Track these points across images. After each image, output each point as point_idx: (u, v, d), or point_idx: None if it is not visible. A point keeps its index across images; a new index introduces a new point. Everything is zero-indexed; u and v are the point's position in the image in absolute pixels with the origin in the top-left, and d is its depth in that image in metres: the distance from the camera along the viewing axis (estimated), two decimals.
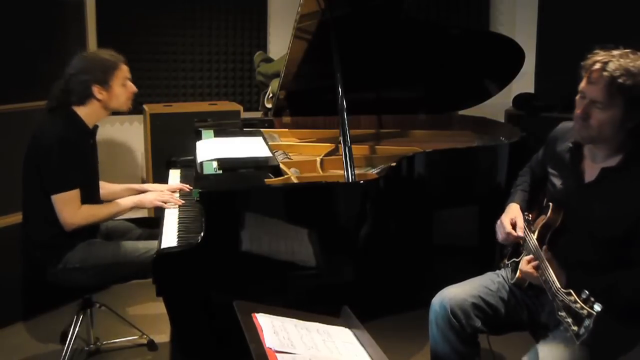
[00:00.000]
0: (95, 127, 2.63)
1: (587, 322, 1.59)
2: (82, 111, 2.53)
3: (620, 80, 1.77)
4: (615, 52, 1.82)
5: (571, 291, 1.67)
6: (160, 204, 2.61)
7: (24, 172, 2.55)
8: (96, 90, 2.49)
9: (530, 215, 2.14)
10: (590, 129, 1.86)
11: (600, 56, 1.83)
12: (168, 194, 2.66)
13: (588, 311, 1.60)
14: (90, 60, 2.52)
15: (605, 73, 1.79)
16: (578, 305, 1.62)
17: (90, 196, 2.55)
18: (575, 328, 1.62)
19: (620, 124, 1.82)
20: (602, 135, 1.86)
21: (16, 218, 3.13)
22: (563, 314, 1.67)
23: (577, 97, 1.89)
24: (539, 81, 4.53)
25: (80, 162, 2.48)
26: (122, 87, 2.56)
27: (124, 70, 2.56)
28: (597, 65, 1.81)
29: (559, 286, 1.73)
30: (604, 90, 1.80)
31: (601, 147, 1.92)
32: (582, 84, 1.86)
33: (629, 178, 1.85)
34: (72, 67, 2.50)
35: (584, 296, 1.63)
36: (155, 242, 2.35)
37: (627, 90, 1.77)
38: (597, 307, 1.59)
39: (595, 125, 1.84)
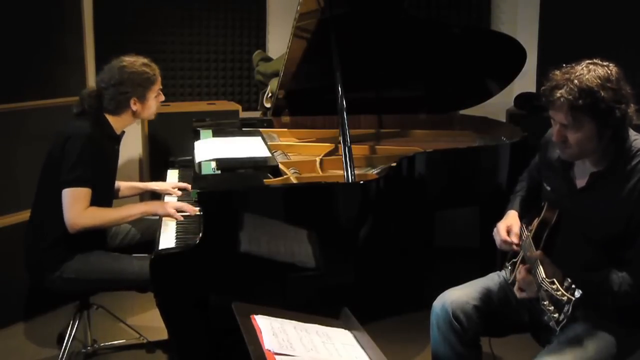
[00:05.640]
0: (122, 132, 2.63)
1: (566, 308, 1.64)
2: (112, 118, 2.55)
3: (580, 103, 1.75)
4: (571, 71, 1.80)
5: (554, 280, 1.69)
6: (175, 214, 2.44)
7: (42, 172, 2.53)
8: (133, 102, 2.52)
9: (530, 224, 2.12)
10: (572, 149, 1.86)
11: (556, 80, 1.81)
12: (187, 206, 2.45)
13: (568, 297, 1.63)
14: (131, 73, 2.50)
15: (563, 99, 1.77)
16: (559, 293, 1.65)
17: (103, 200, 2.50)
18: (555, 315, 1.66)
19: (598, 136, 1.82)
20: (585, 151, 1.86)
21: (12, 219, 3.12)
22: (546, 302, 1.70)
23: (552, 122, 1.88)
24: (540, 80, 4.48)
25: (100, 164, 2.45)
26: (155, 98, 2.60)
27: (159, 83, 2.60)
28: (555, 92, 1.80)
29: (544, 276, 1.74)
30: (568, 115, 1.79)
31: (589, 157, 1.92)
32: (550, 110, 1.85)
33: (617, 181, 1.86)
34: (113, 78, 2.49)
35: (566, 284, 1.66)
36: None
37: (590, 108, 1.76)
38: (577, 294, 1.63)
39: (574, 145, 1.84)
